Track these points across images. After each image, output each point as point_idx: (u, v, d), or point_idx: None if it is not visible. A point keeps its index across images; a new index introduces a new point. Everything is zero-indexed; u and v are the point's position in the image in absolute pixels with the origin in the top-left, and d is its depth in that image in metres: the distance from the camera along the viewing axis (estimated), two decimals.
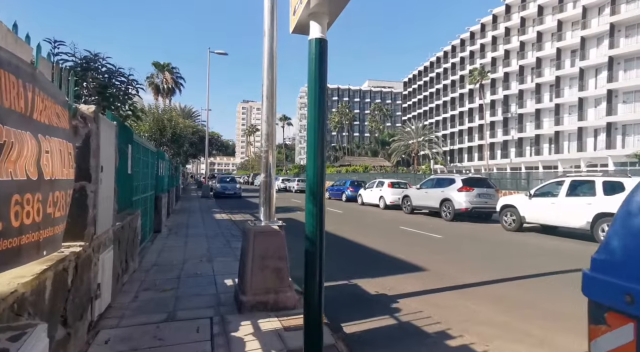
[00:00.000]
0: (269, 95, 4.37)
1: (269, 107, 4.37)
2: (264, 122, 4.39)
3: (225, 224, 12.08)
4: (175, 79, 40.28)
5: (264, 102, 4.39)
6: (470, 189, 13.59)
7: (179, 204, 19.19)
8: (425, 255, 7.74)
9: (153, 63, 39.73)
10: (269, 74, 4.33)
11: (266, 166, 4.38)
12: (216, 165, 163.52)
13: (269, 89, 4.35)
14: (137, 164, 6.94)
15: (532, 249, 8.80)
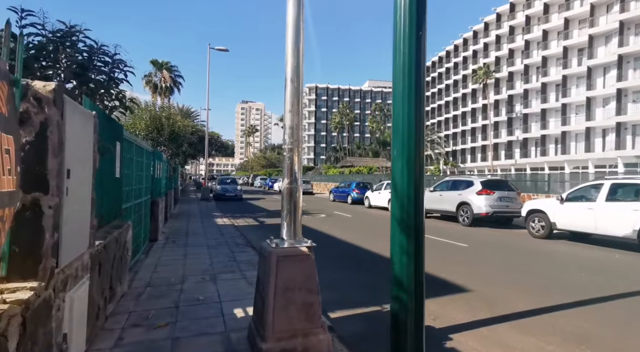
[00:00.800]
0: (294, 77, 3.40)
1: (295, 92, 3.41)
2: (287, 112, 3.43)
3: (227, 230, 11.09)
4: (174, 78, 39.23)
5: (288, 86, 3.42)
6: (491, 192, 12.65)
7: (177, 207, 18.18)
8: (459, 269, 6.78)
9: (151, 61, 38.68)
10: (294, 47, 3.37)
11: (290, 169, 3.41)
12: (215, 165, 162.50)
13: (294, 68, 3.39)
14: (128, 166, 5.96)
15: (574, 259, 7.85)
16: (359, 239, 9.93)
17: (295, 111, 3.42)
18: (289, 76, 3.43)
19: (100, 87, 3.94)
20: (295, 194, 3.42)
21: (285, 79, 3.47)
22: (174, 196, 18.73)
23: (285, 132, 3.44)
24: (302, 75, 3.47)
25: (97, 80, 3.82)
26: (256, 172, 79.58)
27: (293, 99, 3.41)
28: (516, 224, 13.49)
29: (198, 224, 12.47)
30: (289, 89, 3.42)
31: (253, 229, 11.88)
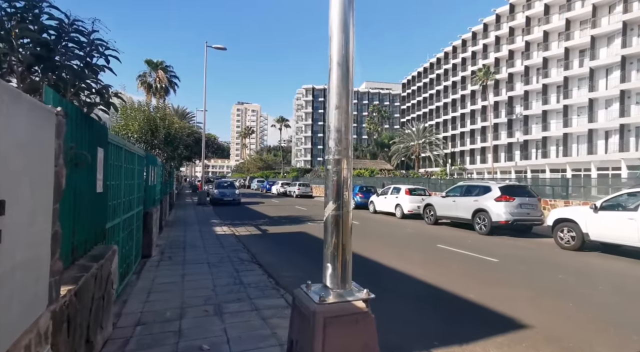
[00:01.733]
0: (341, 60, 2.46)
1: (342, 79, 2.47)
2: (332, 109, 2.48)
3: (228, 241, 10.09)
4: (170, 78, 38.10)
5: (334, 72, 2.47)
6: (511, 198, 11.80)
7: (172, 213, 17.11)
8: (502, 293, 5.86)
9: (146, 61, 37.55)
10: (341, 17, 2.44)
11: (336, 188, 2.46)
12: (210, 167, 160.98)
13: (342, 46, 2.45)
14: (116, 175, 4.98)
15: (621, 279, 6.98)
16: (372, 250, 8.98)
17: (345, 108, 2.47)
18: (334, 58, 2.48)
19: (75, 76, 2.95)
20: (345, 224, 2.47)
21: (330, 62, 2.52)
22: (170, 201, 17.67)
23: (330, 136, 2.49)
24: (353, 56, 2.52)
25: (68, 66, 2.84)
26: (252, 174, 78.44)
27: (341, 90, 2.46)
28: (536, 232, 12.67)
29: (196, 233, 11.46)
30: (334, 77, 2.47)
31: (256, 240, 10.90)
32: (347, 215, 2.49)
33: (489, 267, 7.71)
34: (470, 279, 6.72)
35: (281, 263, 7.99)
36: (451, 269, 7.51)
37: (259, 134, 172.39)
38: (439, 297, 5.72)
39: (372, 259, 8.21)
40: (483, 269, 7.60)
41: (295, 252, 9.27)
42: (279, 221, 15.28)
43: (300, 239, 11.30)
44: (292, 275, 6.97)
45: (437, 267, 7.57)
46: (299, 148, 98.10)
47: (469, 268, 7.61)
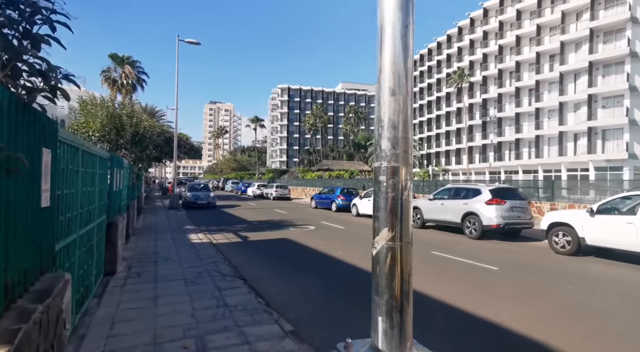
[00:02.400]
0: (399, 28, 1.74)
1: (399, 54, 1.73)
2: (385, 95, 1.74)
3: (206, 251, 9.11)
4: (137, 75, 36.03)
5: (387, 44, 1.74)
6: (502, 201, 11.49)
7: (141, 218, 15.78)
8: (520, 312, 5.30)
9: (110, 55, 35.33)
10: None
11: (392, 206, 1.72)
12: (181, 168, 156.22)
13: (398, 11, 1.71)
14: (71, 182, 4.02)
15: (634, 287, 6.65)
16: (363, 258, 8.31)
17: (404, 95, 1.73)
18: (386, 26, 1.73)
19: (9, 50, 2.05)
20: (405, 260, 1.73)
21: (380, 32, 1.77)
22: (138, 206, 16.32)
23: (382, 134, 1.74)
24: (414, 22, 1.79)
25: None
26: (226, 175, 76.31)
27: (398, 68, 1.72)
28: (525, 235, 12.46)
29: (168, 242, 10.38)
30: (388, 52, 1.73)
31: (237, 249, 9.98)
32: (407, 247, 1.75)
33: (493, 278, 7.20)
34: (479, 293, 6.16)
35: (268, 277, 7.16)
36: (455, 281, 6.94)
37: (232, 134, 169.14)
38: (455, 318, 5.09)
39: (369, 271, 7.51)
40: (487, 280, 7.08)
41: (281, 262, 8.45)
42: (259, 227, 14.36)
43: (285, 247, 10.48)
44: (283, 292, 6.17)
45: (441, 279, 6.98)
46: (274, 149, 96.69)
47: (473, 279, 7.07)
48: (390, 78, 1.76)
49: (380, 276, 1.77)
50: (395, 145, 1.74)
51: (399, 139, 1.75)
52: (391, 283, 1.74)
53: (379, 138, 1.80)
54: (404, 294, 1.76)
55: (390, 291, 1.74)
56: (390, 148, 1.75)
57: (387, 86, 1.76)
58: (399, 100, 1.76)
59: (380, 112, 1.79)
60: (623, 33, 31.41)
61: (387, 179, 1.74)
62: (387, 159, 1.75)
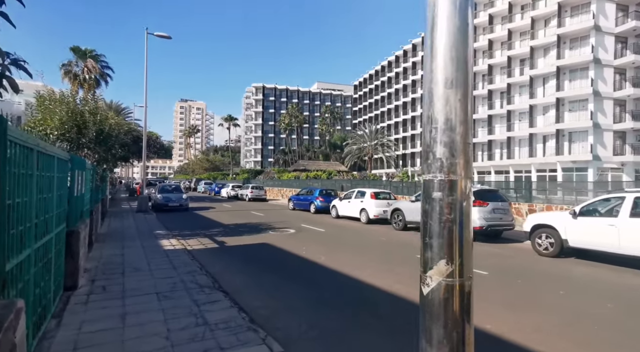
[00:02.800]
0: (462, 5, 1.31)
1: (457, 34, 1.31)
2: (439, 87, 1.31)
3: (180, 259, 8.42)
4: (101, 69, 34.11)
5: (441, 23, 1.31)
6: (485, 203, 11.45)
7: (106, 223, 14.70)
8: (519, 321, 5.05)
9: (72, 48, 33.24)
10: None
11: (449, 230, 1.29)
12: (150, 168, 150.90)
13: None
14: (23, 189, 3.38)
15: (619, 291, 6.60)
16: (349, 265, 7.90)
17: (463, 86, 1.32)
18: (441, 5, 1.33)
19: None
20: (468, 304, 1.31)
21: (431, 8, 1.35)
22: (102, 209, 15.21)
23: (436, 139, 1.32)
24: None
25: None
26: (199, 175, 74.11)
27: (457, 54, 1.30)
28: (505, 236, 12.50)
29: (137, 249, 9.57)
30: (442, 31, 1.32)
31: (214, 256, 9.33)
32: (470, 286, 1.33)
33: (485, 284, 6.98)
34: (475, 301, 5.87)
35: (250, 287, 6.62)
36: None
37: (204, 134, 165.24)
38: None
39: (365, 282, 7.10)
40: (480, 286, 6.84)
41: (263, 270, 7.91)
42: (236, 230, 13.69)
43: (265, 252, 9.92)
44: (267, 305, 5.66)
45: None
46: (249, 148, 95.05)
47: None
48: (446, 65, 1.33)
49: (434, 321, 1.33)
50: (453, 153, 1.32)
51: (458, 145, 1.32)
52: (451, 332, 1.31)
53: (432, 143, 1.36)
54: (465, 344, 1.33)
55: (449, 342, 1.31)
56: (448, 156, 1.32)
57: (442, 76, 1.33)
58: (458, 94, 1.33)
59: (433, 110, 1.36)
60: (587, 40, 32.83)
61: (443, 197, 1.31)
62: (444, 171, 1.32)
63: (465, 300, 1.34)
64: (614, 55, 32.64)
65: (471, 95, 1.37)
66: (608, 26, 32.45)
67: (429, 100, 1.39)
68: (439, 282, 1.32)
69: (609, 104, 32.65)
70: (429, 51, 1.40)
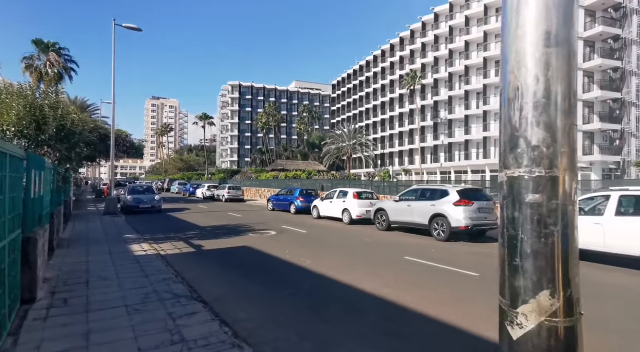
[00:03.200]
0: None
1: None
2: (537, 43, 0.88)
3: (153, 266, 7.74)
4: (65, 63, 32.27)
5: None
6: (470, 202, 11.32)
7: (69, 227, 13.67)
8: None
9: (34, 41, 31.26)
10: None
11: (550, 249, 0.87)
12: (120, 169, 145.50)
13: None
14: None
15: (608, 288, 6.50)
16: (334, 267, 7.49)
17: (568, 47, 0.90)
18: None
19: None
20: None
21: None
22: (65, 212, 14.14)
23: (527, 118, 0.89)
24: None
25: None
26: (172, 176, 71.85)
27: (554, 2, 0.88)
28: (490, 236, 12.43)
29: (104, 256, 8.78)
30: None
31: (190, 261, 8.69)
32: (581, 326, 0.92)
33: (477, 287, 6.73)
34: (469, 306, 5.58)
35: (232, 296, 6.08)
36: (439, 292, 6.34)
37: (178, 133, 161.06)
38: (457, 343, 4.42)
39: (353, 287, 6.68)
40: (472, 289, 6.58)
41: (245, 276, 7.36)
42: (213, 233, 13.00)
43: (247, 257, 9.36)
44: (252, 317, 5.15)
45: (424, 291, 6.34)
46: (225, 148, 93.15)
47: (457, 289, 6.53)
48: (542, 16, 0.90)
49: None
50: (556, 138, 0.90)
51: (559, 126, 0.90)
52: None
53: (521, 125, 0.93)
54: None
55: None
56: (550, 143, 0.90)
57: (539, 30, 0.90)
58: (560, 55, 0.91)
59: (523, 78, 0.94)
60: None
61: (542, 200, 0.89)
62: (543, 164, 0.90)
63: (574, 347, 0.93)
64: (583, 58, 33.88)
65: (576, 58, 0.96)
66: (578, 30, 33.58)
67: (515, 65, 0.95)
68: (539, 323, 0.89)
69: (579, 106, 33.86)
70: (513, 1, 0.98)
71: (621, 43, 34.02)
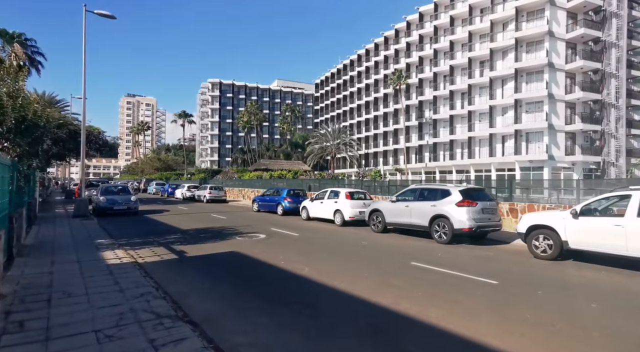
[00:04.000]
0: None
1: None
2: None
3: (129, 277, 6.65)
4: (31, 55, 30.13)
5: None
6: (473, 203, 10.69)
7: (33, 232, 12.25)
8: (567, 348, 4.06)
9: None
10: None
11: None
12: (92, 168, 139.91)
13: None
14: None
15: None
16: (354, 281, 6.63)
17: None
18: None
19: None
20: None
21: None
22: (28, 215, 12.70)
23: None
24: None
25: None
26: (149, 175, 69.19)
27: None
28: (491, 237, 11.86)
29: (72, 265, 7.61)
30: None
31: (173, 270, 7.65)
32: None
33: (501, 296, 6.01)
34: (500, 320, 4.83)
35: (226, 314, 5.15)
36: (464, 305, 5.56)
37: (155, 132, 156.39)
38: None
39: (360, 298, 5.83)
40: (496, 299, 5.85)
41: (238, 288, 6.40)
42: (197, 237, 11.91)
43: (237, 264, 8.37)
44: (254, 342, 4.25)
45: (446, 304, 5.55)
46: (204, 147, 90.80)
47: (481, 300, 5.79)
48: None
49: None
50: None
51: None
52: None
53: None
54: None
55: None
56: None
57: None
58: None
59: None
60: (542, 44, 34.27)
61: None
62: None
63: None
64: (565, 60, 34.35)
65: None
66: (560, 32, 34.09)
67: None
68: None
69: (561, 107, 34.32)
70: None
71: (601, 45, 34.71)
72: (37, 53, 30.92)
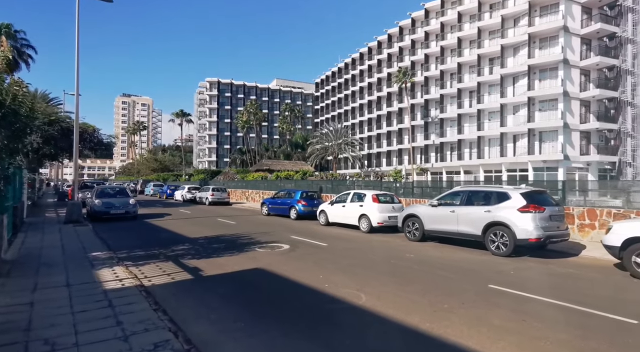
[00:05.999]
0: None
1: None
2: None
3: (134, 312, 4.88)
4: (20, 48, 28.12)
5: None
6: (541, 208, 9.07)
7: (18, 241, 10.42)
8: None
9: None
10: None
11: None
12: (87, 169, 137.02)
13: None
14: None
15: None
16: (431, 316, 4.97)
17: None
18: None
19: None
20: None
21: None
22: (13, 222, 10.87)
23: None
24: None
25: None
26: (145, 176, 66.99)
27: None
28: (553, 249, 10.12)
29: (59, 293, 5.85)
30: None
31: (190, 296, 5.93)
32: None
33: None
34: None
35: None
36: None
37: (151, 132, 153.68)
38: None
39: (462, 347, 4.16)
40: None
41: (287, 331, 4.69)
42: (209, 248, 10.16)
43: (269, 288, 6.65)
44: None
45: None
46: (202, 147, 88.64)
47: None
48: None
49: None
50: None
51: None
52: None
53: None
54: None
55: None
56: None
57: None
58: None
59: None
60: (557, 40, 32.97)
61: None
62: None
63: None
64: (580, 56, 33.09)
65: None
66: (575, 27, 32.82)
67: None
68: None
69: (576, 105, 33.03)
70: None
71: (616, 41, 33.48)
72: (27, 46, 28.94)
